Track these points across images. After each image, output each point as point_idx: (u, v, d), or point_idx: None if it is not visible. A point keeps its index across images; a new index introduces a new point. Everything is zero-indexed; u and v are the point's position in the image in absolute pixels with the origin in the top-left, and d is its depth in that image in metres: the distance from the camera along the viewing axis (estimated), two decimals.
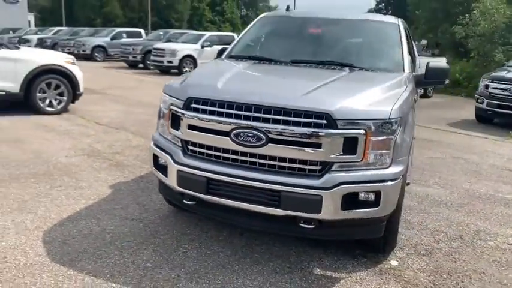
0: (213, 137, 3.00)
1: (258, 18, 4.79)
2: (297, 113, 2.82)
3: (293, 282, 2.97)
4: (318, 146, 2.80)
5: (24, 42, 25.06)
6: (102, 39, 23.83)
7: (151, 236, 3.49)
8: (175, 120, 3.20)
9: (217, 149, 3.02)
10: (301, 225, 2.92)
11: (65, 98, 8.26)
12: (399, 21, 4.39)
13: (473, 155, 7.00)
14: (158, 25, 58.50)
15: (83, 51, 22.81)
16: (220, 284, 2.89)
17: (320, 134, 2.78)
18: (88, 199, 4.16)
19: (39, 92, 7.96)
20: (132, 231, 3.55)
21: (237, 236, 3.56)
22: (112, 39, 23.68)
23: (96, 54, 23.04)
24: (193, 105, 3.08)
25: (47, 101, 8.09)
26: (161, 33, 23.89)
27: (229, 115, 2.94)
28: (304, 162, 2.86)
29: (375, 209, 2.90)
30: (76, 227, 3.56)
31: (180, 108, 3.13)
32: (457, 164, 6.34)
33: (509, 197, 5.04)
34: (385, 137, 2.89)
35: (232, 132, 2.91)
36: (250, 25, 4.67)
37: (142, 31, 25.81)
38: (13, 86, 7.62)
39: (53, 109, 8.14)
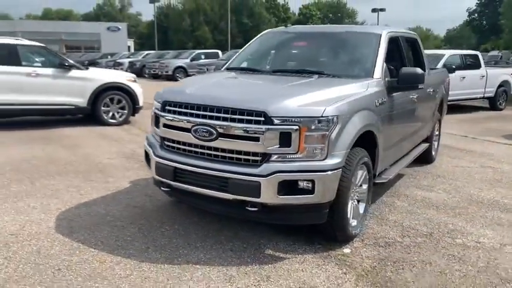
0: (180, 133, 3.61)
1: (260, 34, 5.36)
2: (241, 112, 3.33)
3: (241, 258, 3.44)
4: (257, 139, 3.27)
5: (118, 65, 27.91)
6: (183, 61, 25.44)
7: (142, 218, 4.16)
8: (156, 120, 3.87)
9: (183, 143, 3.62)
10: (248, 208, 3.39)
11: (125, 111, 9.40)
12: (384, 32, 4.67)
13: (506, 165, 6.82)
14: (242, 46, 61.05)
15: (166, 72, 24.70)
16: (178, 255, 3.45)
17: (258, 129, 3.26)
18: (108, 190, 4.96)
19: (104, 106, 9.16)
20: (130, 215, 4.24)
21: (215, 222, 4.09)
22: (192, 60, 25.15)
23: (178, 75, 24.35)
24: (167, 107, 3.72)
25: (110, 114, 9.27)
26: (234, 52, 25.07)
27: (190, 114, 3.53)
28: (247, 153, 3.35)
29: (310, 196, 3.29)
30: (87, 210, 4.35)
31: (159, 110, 3.79)
32: (482, 173, 6.26)
33: None
34: (319, 133, 3.28)
35: (192, 129, 3.49)
36: (252, 40, 5.25)
37: (219, 52, 26.86)
38: (82, 101, 8.89)
39: (115, 121, 9.30)
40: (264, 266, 3.34)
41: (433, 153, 6.71)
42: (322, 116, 3.29)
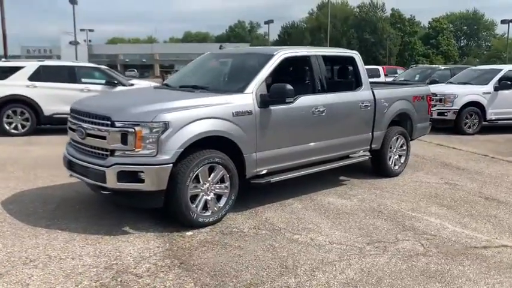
0: (72, 133, 4.80)
1: (201, 56, 6.33)
2: (96, 117, 4.40)
3: (99, 230, 4.44)
4: (105, 138, 4.30)
5: None
6: None
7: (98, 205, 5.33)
8: None
9: (74, 141, 4.80)
10: (102, 192, 4.42)
11: None
12: (278, 53, 5.30)
13: (479, 183, 6.67)
14: (365, 62, 60.40)
15: None
16: (69, 226, 4.60)
17: (105, 130, 4.29)
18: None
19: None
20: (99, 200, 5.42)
21: (125, 211, 5.05)
22: None
23: None
24: (70, 113, 4.94)
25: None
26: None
27: (75, 118, 4.71)
28: (101, 149, 4.38)
29: (142, 184, 4.20)
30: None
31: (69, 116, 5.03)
32: (433, 189, 6.29)
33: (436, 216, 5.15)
34: (151, 134, 4.18)
35: (75, 129, 4.65)
36: (193, 61, 6.26)
37: (380, 68, 24.02)
38: None
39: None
40: (107, 235, 4.30)
41: (394, 166, 6.86)
42: (153, 121, 4.19)
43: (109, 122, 4.28)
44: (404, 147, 7.07)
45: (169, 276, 3.53)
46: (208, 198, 4.61)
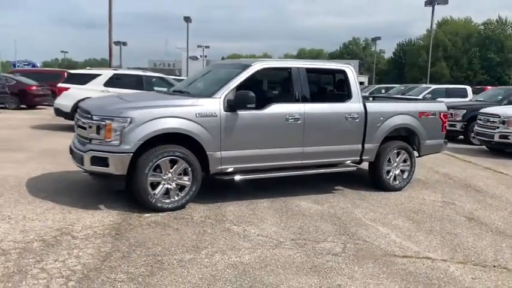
0: (76, 126, 5.86)
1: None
2: (85, 111, 5.39)
3: (72, 203, 5.40)
4: (85, 129, 5.27)
5: None
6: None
7: (97, 187, 6.45)
8: None
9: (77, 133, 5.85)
10: (83, 172, 5.39)
11: None
12: (255, 64, 5.84)
13: (473, 203, 6.43)
14: (488, 83, 56.11)
15: None
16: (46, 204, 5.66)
17: (87, 123, 5.25)
18: None
19: None
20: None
21: (117, 194, 6.00)
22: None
23: None
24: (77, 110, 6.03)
25: None
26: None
27: (78, 114, 5.75)
28: (85, 138, 5.35)
29: (107, 168, 5.08)
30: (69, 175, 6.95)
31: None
32: (421, 205, 6.25)
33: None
34: (117, 127, 5.04)
35: (77, 122, 5.71)
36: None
37: (468, 88, 19.75)
38: None
39: None
40: (81, 209, 5.21)
41: (394, 181, 6.87)
42: (119, 116, 5.04)
43: (89, 116, 5.23)
44: (408, 163, 7.02)
45: (97, 241, 4.30)
46: (170, 187, 5.30)
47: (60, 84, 12.33)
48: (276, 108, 5.83)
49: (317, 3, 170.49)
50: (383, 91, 25.85)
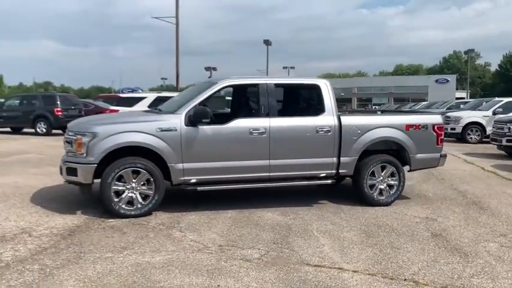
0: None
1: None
2: (67, 128, 6.18)
3: (58, 208, 6.15)
4: (67, 143, 6.03)
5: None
6: (480, 114, 17.95)
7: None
8: None
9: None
10: (64, 182, 6.15)
11: None
12: (221, 82, 6.23)
13: (458, 222, 6.08)
14: None
15: (452, 129, 17.64)
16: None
17: (66, 137, 6.02)
18: None
19: None
20: None
21: None
22: (495, 113, 16.83)
23: (470, 133, 17.61)
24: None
25: None
26: None
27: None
28: (66, 151, 6.11)
29: (76, 177, 5.78)
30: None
31: None
32: (419, 223, 6.10)
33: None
34: (84, 142, 5.73)
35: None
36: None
37: None
38: None
39: None
40: (58, 213, 5.93)
41: (379, 196, 6.72)
42: (86, 131, 5.74)
43: (68, 132, 6.01)
44: (396, 177, 6.81)
45: (46, 239, 4.95)
46: (133, 195, 5.83)
47: (111, 107, 13.70)
48: (240, 123, 6.12)
49: (419, 18, 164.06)
50: (461, 106, 24.25)
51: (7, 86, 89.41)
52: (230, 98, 7.68)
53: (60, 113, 17.69)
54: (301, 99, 7.05)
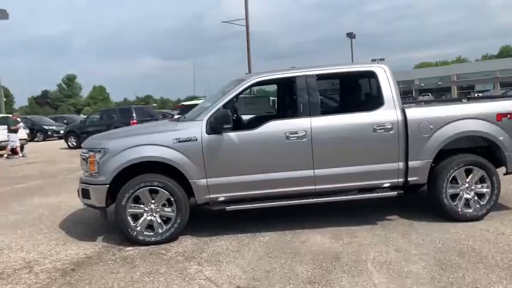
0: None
1: None
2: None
3: (78, 234, 5.51)
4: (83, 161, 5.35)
5: None
6: None
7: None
8: None
9: None
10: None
11: None
12: (249, 79, 5.12)
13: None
14: None
15: None
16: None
17: (82, 155, 5.35)
18: None
19: None
20: None
21: None
22: None
23: None
24: None
25: None
26: None
27: None
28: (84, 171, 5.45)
29: (90, 200, 5.07)
30: None
31: None
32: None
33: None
34: (96, 159, 5.01)
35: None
36: None
37: None
38: None
39: None
40: (75, 240, 5.29)
41: (466, 208, 5.20)
42: (96, 148, 5.01)
43: (83, 148, 5.34)
44: (488, 184, 5.20)
45: (43, 276, 4.26)
46: (153, 219, 4.98)
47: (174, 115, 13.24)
48: (273, 126, 5.01)
49: None
50: None
51: (113, 102, 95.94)
52: (275, 98, 6.53)
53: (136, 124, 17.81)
54: (351, 92, 5.72)
